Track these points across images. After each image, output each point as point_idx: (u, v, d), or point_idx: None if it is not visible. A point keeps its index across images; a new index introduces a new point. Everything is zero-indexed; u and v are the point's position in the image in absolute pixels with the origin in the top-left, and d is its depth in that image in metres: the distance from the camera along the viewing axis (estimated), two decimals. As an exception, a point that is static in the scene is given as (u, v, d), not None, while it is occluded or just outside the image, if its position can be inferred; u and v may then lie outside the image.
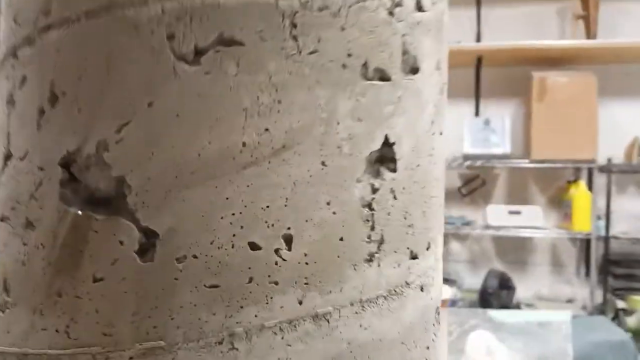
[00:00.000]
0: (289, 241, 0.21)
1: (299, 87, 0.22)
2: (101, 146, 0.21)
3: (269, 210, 0.21)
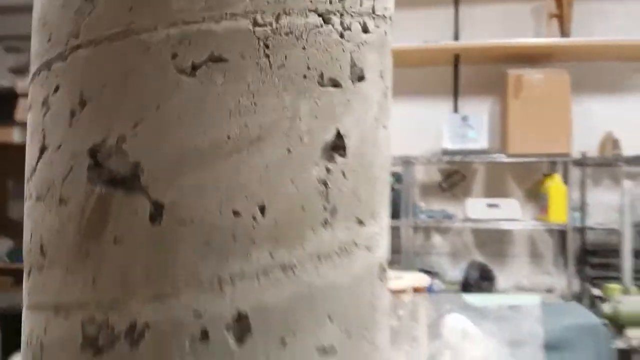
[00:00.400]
0: (262, 209, 0.28)
1: (270, 93, 0.29)
2: (120, 139, 0.28)
3: (247, 186, 0.28)
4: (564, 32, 3.08)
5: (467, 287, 2.99)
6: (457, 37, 3.26)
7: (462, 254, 3.68)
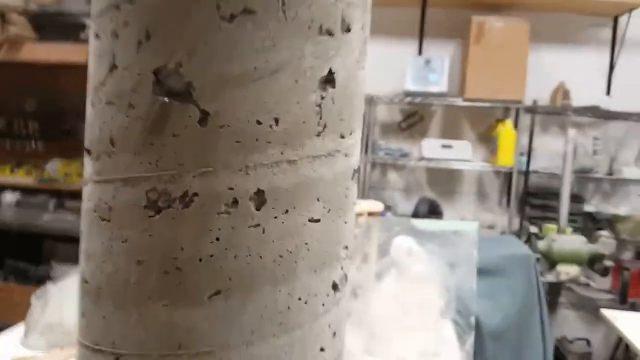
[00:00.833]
0: (277, 121, 0.40)
1: (285, 38, 0.40)
2: (178, 65, 0.39)
3: (267, 104, 0.40)
4: (528, -18, 3.18)
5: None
6: (425, -20, 3.32)
7: (414, 190, 3.89)
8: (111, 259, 0.42)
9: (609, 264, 2.84)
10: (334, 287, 0.46)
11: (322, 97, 0.41)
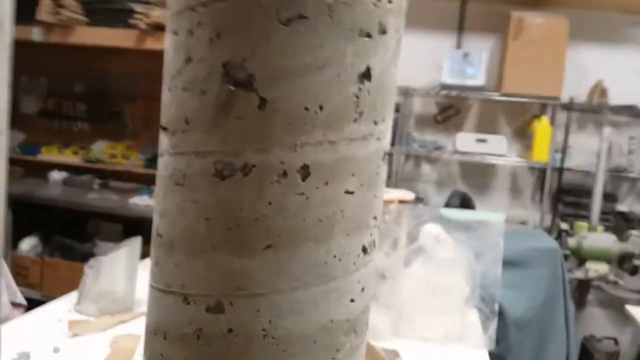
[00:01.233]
0: (321, 108, 0.49)
1: (331, 39, 0.49)
2: (242, 59, 0.48)
3: (314, 93, 0.48)
4: (569, -21, 3.18)
5: (448, 213, 3.24)
6: (467, -25, 3.35)
7: (447, 183, 3.94)
8: (183, 217, 0.51)
9: (638, 263, 2.86)
10: (364, 250, 0.54)
11: (360, 89, 0.50)
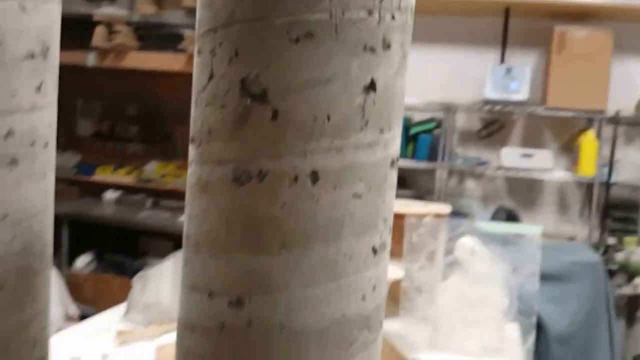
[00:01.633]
0: (328, 117, 0.53)
1: (337, 55, 0.53)
2: (257, 75, 0.53)
3: (322, 104, 0.53)
4: (612, -9, 3.15)
5: (493, 229, 3.22)
6: (507, -9, 3.36)
7: (492, 199, 3.90)
8: (207, 220, 0.56)
9: (691, 278, 2.76)
10: (374, 250, 0.58)
11: (365, 100, 0.54)
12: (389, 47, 0.56)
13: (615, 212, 3.40)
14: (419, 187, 3.90)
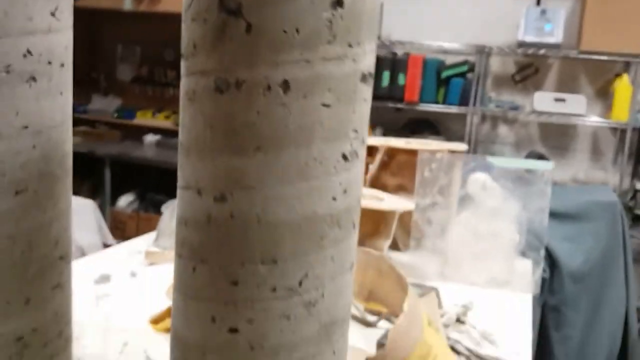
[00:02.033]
0: (298, 30, 0.59)
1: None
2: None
3: (292, 17, 0.58)
4: None
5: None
6: None
7: (524, 145, 3.88)
8: (195, 127, 0.63)
9: None
10: (344, 157, 0.64)
11: (333, 15, 0.59)
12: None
13: (647, 158, 3.35)
14: (450, 133, 3.90)
